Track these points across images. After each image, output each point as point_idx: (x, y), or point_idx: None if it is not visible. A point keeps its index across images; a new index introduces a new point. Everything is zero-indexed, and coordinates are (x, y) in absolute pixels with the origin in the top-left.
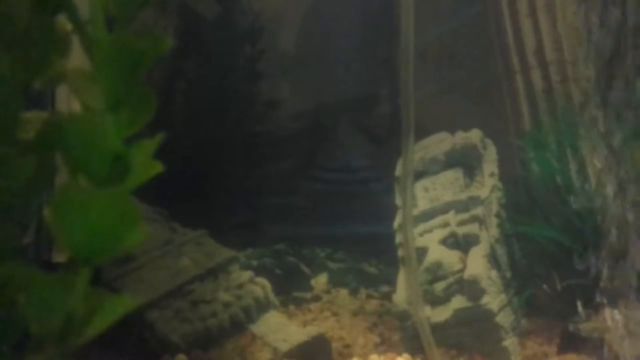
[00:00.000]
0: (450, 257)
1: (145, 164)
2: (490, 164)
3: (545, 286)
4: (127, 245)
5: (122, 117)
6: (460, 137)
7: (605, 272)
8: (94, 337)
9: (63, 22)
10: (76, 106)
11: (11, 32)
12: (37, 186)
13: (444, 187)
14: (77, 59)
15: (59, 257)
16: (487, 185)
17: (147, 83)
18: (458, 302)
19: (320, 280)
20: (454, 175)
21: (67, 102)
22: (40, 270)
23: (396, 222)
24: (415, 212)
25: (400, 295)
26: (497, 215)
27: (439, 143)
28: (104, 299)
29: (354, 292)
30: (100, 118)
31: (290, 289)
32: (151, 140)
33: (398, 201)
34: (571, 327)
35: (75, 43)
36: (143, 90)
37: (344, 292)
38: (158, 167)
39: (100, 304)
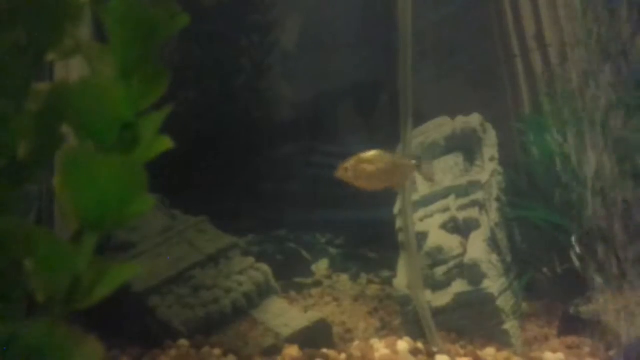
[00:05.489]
0: (450, 242)
1: (154, 135)
2: (490, 148)
3: (545, 270)
4: (132, 213)
5: (134, 86)
6: (460, 122)
7: (604, 255)
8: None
9: None
10: (75, 78)
11: (26, 3)
12: (43, 153)
13: (444, 171)
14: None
15: None
16: (487, 169)
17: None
18: (458, 286)
19: (321, 266)
20: (454, 160)
21: (66, 74)
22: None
23: (396, 208)
24: (416, 197)
25: (401, 280)
26: (498, 200)
27: (439, 128)
28: (108, 266)
29: (354, 278)
30: (111, 85)
31: (291, 274)
32: (159, 112)
33: None
34: (571, 310)
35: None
36: (157, 65)
37: (344, 278)
38: (168, 143)
39: (105, 271)
